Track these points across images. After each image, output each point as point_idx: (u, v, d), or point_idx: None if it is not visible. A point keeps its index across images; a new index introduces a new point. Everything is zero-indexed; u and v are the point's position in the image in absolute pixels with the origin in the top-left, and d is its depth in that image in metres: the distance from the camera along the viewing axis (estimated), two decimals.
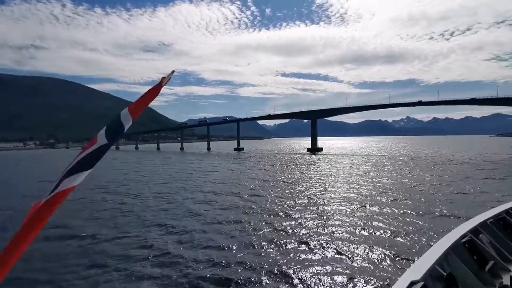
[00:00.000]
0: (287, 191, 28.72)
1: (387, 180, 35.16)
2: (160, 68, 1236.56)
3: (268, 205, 22.77)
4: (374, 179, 35.85)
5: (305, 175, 41.29)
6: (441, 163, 55.21)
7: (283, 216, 19.47)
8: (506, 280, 4.07)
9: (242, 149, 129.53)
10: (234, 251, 13.41)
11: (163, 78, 1.84)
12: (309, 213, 20.15)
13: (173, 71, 1.88)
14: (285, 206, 22.36)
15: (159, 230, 16.89)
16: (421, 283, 2.94)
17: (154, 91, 1.89)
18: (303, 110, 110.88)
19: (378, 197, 25.03)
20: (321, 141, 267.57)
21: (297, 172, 45.06)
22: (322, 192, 27.81)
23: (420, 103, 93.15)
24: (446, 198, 23.95)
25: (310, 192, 28.26)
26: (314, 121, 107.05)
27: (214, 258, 12.53)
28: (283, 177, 39.51)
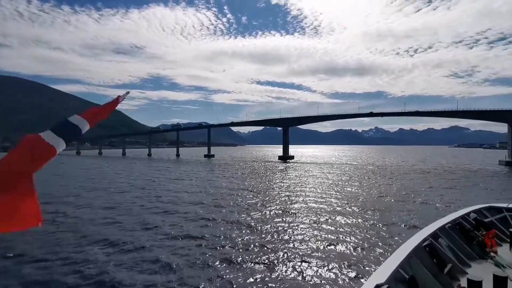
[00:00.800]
0: (252, 201, 27.31)
1: (353, 189, 34.83)
2: (131, 71, 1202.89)
3: (230, 216, 21.20)
4: (340, 188, 35.44)
5: (273, 184, 40.16)
6: (405, 173, 56.40)
7: (245, 229, 18.01)
8: (463, 282, 4.35)
9: (213, 156, 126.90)
10: (184, 273, 11.68)
11: (119, 96, 1.83)
12: (272, 225, 18.84)
13: (127, 92, 1.86)
14: (248, 217, 20.90)
15: (99, 247, 14.73)
16: (386, 286, 3.15)
17: (109, 106, 1.85)
18: (275, 118, 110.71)
19: (343, 207, 24.35)
20: (294, 149, 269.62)
21: (265, 181, 43.87)
22: (288, 203, 26.66)
23: (371, 114, 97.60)
24: (409, 206, 23.99)
25: (276, 202, 27.04)
26: (286, 129, 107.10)
27: (158, 283, 10.76)
28: (250, 186, 38.11)
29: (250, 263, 12.66)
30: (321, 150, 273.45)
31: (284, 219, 20.52)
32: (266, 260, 12.94)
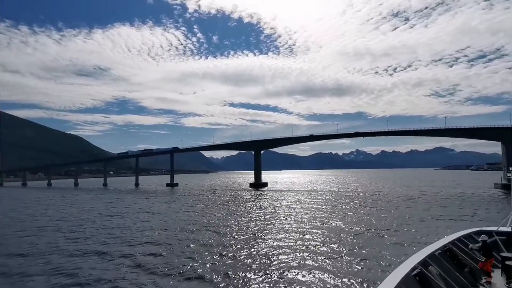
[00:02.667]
0: (208, 242, 24.10)
1: (330, 222, 31.52)
2: (95, 94, 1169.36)
3: (173, 263, 18.32)
4: (316, 222, 32.05)
5: (236, 218, 36.15)
6: (391, 200, 54.09)
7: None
8: None
9: (176, 184, 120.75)
10: None
11: None
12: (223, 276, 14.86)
13: None
14: (195, 265, 16.87)
15: None
16: None
17: None
18: (245, 140, 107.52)
19: (317, 247, 20.95)
20: (269, 175, 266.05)
21: (229, 214, 39.75)
22: (249, 243, 22.92)
23: (357, 134, 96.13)
24: (404, 243, 20.56)
25: (234, 242, 23.24)
26: (258, 153, 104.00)
27: None
28: (209, 221, 34.29)
29: None
30: (299, 175, 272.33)
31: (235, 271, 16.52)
32: None
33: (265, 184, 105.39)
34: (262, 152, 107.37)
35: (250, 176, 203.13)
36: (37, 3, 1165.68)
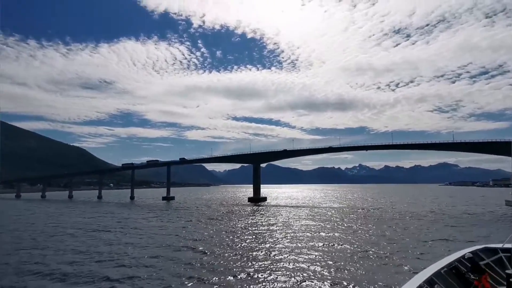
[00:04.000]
0: (184, 264, 21.40)
1: (331, 243, 28.07)
2: (99, 106, 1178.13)
3: None
4: (312, 241, 28.68)
5: (224, 237, 32.80)
6: (397, 218, 50.48)
7: None
8: None
9: (173, 198, 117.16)
10: None
11: None
12: None
13: None
14: None
15: None
16: None
17: None
18: (244, 153, 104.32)
19: (316, 271, 17.44)
20: (270, 189, 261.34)
21: (218, 232, 36.41)
22: (233, 266, 19.57)
23: (360, 148, 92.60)
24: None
25: (215, 265, 19.89)
26: (257, 166, 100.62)
27: None
28: (199, 240, 31.44)
29: None
30: (301, 189, 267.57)
31: None
32: None
33: (264, 199, 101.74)
34: (264, 165, 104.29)
35: (250, 190, 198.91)
36: (46, 18, 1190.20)
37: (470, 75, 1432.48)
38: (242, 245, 28.69)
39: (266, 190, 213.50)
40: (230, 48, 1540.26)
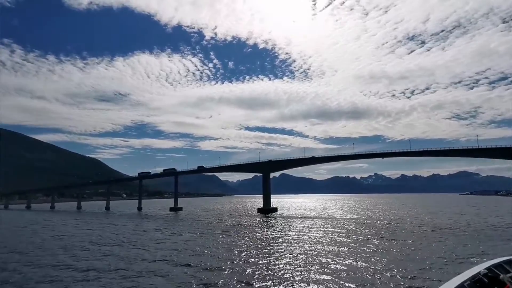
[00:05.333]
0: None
1: (339, 260, 23.88)
2: (115, 118, 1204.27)
3: None
4: (323, 258, 24.64)
5: (226, 252, 28.97)
6: (412, 231, 45.45)
7: None
8: None
9: (180, 209, 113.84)
10: None
11: None
12: None
13: None
14: None
15: None
16: None
17: None
18: (254, 162, 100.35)
19: None
20: (283, 199, 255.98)
21: (220, 246, 32.60)
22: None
23: (376, 155, 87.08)
24: None
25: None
26: (267, 175, 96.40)
27: None
28: (193, 253, 28.37)
29: None
30: (314, 200, 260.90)
31: None
32: None
33: (275, 210, 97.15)
34: (277, 175, 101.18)
35: (261, 200, 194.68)
36: (64, 34, 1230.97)
37: (489, 81, 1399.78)
38: (240, 262, 24.73)
39: (277, 200, 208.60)
40: (242, 59, 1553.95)
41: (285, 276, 21.18)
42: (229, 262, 25.62)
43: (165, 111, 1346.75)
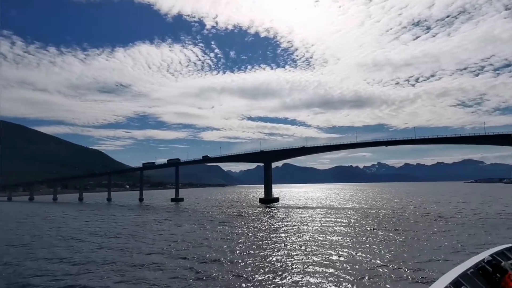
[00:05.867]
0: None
1: (340, 251, 23.33)
2: (116, 110, 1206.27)
3: None
4: (323, 249, 24.07)
5: (223, 244, 28.46)
6: (416, 221, 44.88)
7: None
8: None
9: (182, 199, 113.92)
10: None
11: None
12: None
13: None
14: None
15: None
16: None
17: None
18: (254, 151, 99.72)
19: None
20: (285, 189, 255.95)
21: (217, 238, 32.11)
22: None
23: (379, 143, 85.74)
24: None
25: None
26: (268, 165, 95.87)
27: None
28: (195, 248, 27.64)
29: None
30: (317, 189, 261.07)
31: None
32: None
33: (276, 200, 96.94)
34: (280, 165, 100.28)
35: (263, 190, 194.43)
36: (65, 25, 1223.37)
37: (493, 68, 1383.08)
38: (235, 256, 24.25)
39: (280, 190, 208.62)
40: (243, 48, 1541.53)
41: (284, 268, 20.68)
42: (226, 254, 25.19)
43: (167, 101, 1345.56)
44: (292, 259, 22.96)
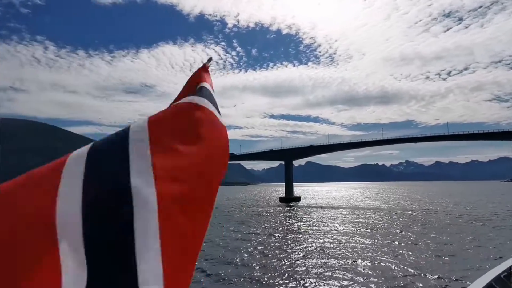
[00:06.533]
0: None
1: (366, 259, 21.12)
2: (141, 109, 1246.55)
3: None
4: (347, 255, 21.86)
5: (243, 246, 26.88)
6: (450, 223, 41.57)
7: None
8: None
9: None
10: None
11: (205, 64, 1.38)
12: None
13: (210, 58, 1.41)
14: None
15: None
16: None
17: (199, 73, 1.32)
18: (275, 149, 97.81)
19: None
20: (307, 187, 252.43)
21: (234, 240, 30.53)
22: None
23: (409, 140, 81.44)
24: None
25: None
26: (289, 163, 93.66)
27: None
28: (210, 248, 24.91)
29: None
30: (340, 188, 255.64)
31: None
32: None
33: (298, 199, 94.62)
34: (303, 163, 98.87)
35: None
36: (92, 28, 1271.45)
37: None
38: (251, 257, 22.57)
39: (302, 189, 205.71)
40: (265, 45, 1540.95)
41: (301, 271, 19.00)
42: (242, 255, 23.88)
43: None
44: (311, 262, 21.29)
